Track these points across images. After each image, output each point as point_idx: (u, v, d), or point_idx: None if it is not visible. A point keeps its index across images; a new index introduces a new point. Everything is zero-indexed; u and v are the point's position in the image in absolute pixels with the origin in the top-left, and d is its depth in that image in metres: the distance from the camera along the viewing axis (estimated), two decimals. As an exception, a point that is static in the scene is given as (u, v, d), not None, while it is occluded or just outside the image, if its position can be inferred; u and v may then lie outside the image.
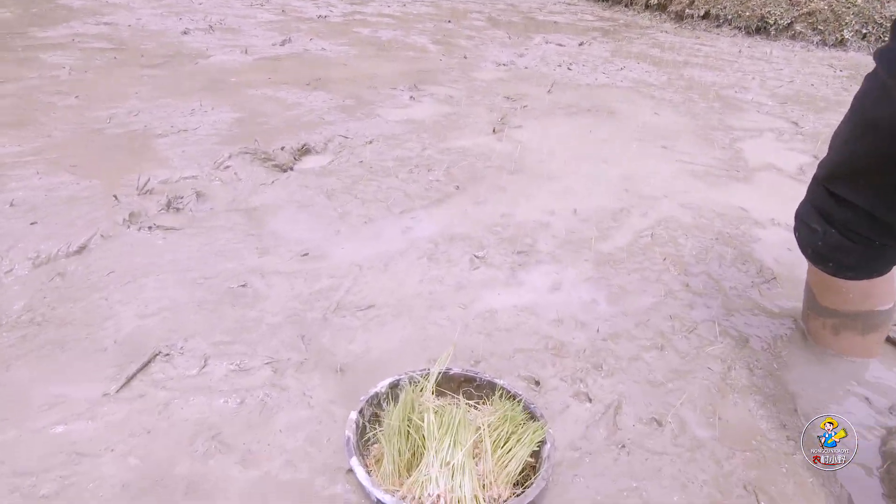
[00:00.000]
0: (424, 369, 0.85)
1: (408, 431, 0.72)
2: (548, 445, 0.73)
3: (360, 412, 0.77)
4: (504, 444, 0.74)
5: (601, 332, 1.12)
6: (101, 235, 1.32)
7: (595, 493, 0.76)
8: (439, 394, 0.85)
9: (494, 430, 0.74)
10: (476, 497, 0.68)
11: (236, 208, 1.54)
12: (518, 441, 0.72)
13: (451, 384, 0.86)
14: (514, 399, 0.81)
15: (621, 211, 1.70)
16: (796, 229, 1.02)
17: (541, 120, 2.58)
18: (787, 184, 2.00)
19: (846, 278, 0.98)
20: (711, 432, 0.89)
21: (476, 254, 1.39)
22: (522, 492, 0.70)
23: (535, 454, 0.75)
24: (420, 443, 0.71)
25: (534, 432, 0.73)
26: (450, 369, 0.86)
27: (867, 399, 0.98)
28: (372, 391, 0.81)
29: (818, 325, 1.09)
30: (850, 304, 1.02)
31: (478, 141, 2.22)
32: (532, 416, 0.78)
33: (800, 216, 1.01)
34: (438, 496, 0.66)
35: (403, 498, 0.68)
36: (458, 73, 3.31)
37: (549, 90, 3.07)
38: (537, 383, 0.97)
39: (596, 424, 0.89)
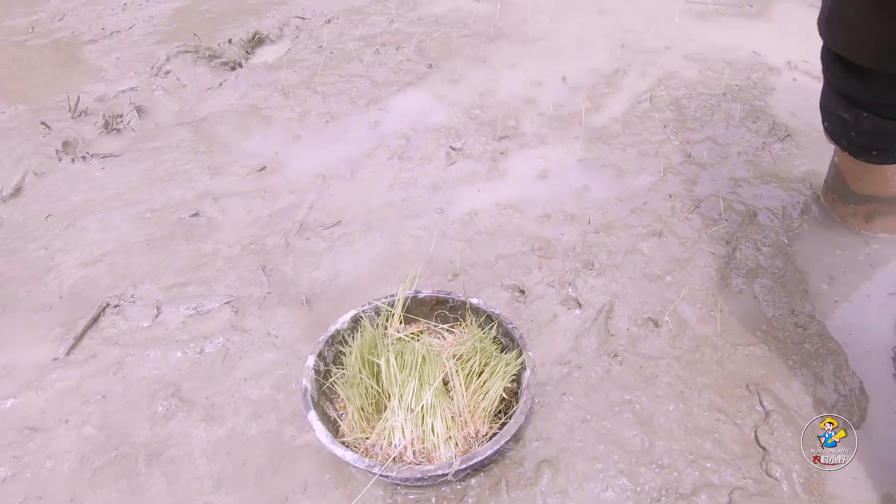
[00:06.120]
0: (391, 296, 0.76)
1: (371, 375, 0.65)
2: (528, 374, 0.66)
3: (320, 355, 0.70)
4: (479, 376, 0.67)
5: (593, 223, 1.01)
6: (34, 173, 1.19)
7: (585, 413, 0.71)
8: (409, 321, 0.77)
9: (466, 363, 0.67)
10: (450, 438, 0.62)
11: (182, 121, 1.38)
12: (493, 373, 0.65)
13: (422, 308, 0.78)
14: (490, 321, 0.73)
15: (617, 72, 1.50)
16: (824, 121, 0.86)
17: (524, -33, 2.23)
18: (808, 13, 1.72)
19: None
20: (713, 328, 0.81)
21: (453, 145, 1.24)
22: (503, 423, 0.64)
23: (519, 378, 0.68)
24: (383, 388, 0.64)
25: (506, 365, 0.65)
26: (419, 292, 0.77)
27: (883, 274, 0.88)
28: (332, 328, 0.73)
29: (847, 211, 0.94)
30: (893, 188, 0.87)
31: (453, 5, 1.93)
32: (512, 339, 0.70)
33: (823, 108, 0.84)
34: (405, 447, 0.60)
35: (372, 447, 0.62)
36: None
37: (533, -73, 2.63)
38: (522, 292, 0.88)
39: (586, 333, 0.81)
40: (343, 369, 0.69)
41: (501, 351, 0.71)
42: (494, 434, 0.63)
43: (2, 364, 0.81)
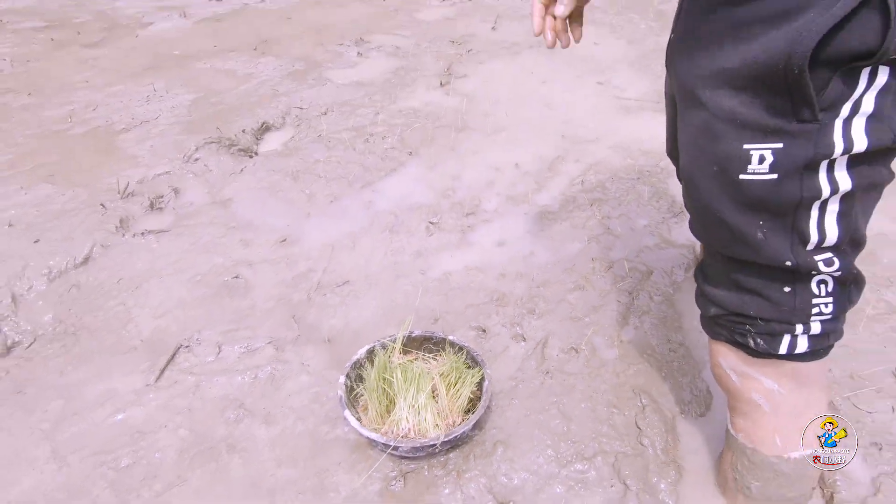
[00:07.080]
0: (392, 335, 1.10)
1: (383, 387, 0.98)
2: (486, 382, 1.00)
3: (347, 375, 1.03)
4: (455, 385, 1.00)
5: (536, 280, 1.38)
6: (101, 245, 1.50)
7: (526, 411, 1.05)
8: (406, 352, 1.10)
9: (446, 377, 1.01)
10: (437, 425, 0.95)
11: (213, 201, 1.72)
12: (463, 383, 0.99)
13: (414, 343, 1.12)
14: (461, 350, 1.07)
15: (558, 159, 1.92)
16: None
17: (486, 64, 2.71)
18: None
19: None
20: (614, 352, 1.17)
21: (431, 220, 1.61)
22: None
23: (481, 387, 1.02)
24: (393, 394, 0.97)
25: (473, 377, 0.99)
26: (412, 332, 1.11)
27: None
28: (354, 358, 1.06)
29: None
30: None
31: (427, 98, 2.36)
32: (475, 362, 1.05)
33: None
34: (409, 430, 0.93)
35: (385, 433, 0.95)
36: (403, 16, 3.34)
37: (493, 27, 3.14)
38: (484, 331, 1.23)
39: (528, 358, 1.16)
40: (362, 384, 1.02)
41: (469, 369, 1.05)
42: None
43: (107, 389, 1.10)
